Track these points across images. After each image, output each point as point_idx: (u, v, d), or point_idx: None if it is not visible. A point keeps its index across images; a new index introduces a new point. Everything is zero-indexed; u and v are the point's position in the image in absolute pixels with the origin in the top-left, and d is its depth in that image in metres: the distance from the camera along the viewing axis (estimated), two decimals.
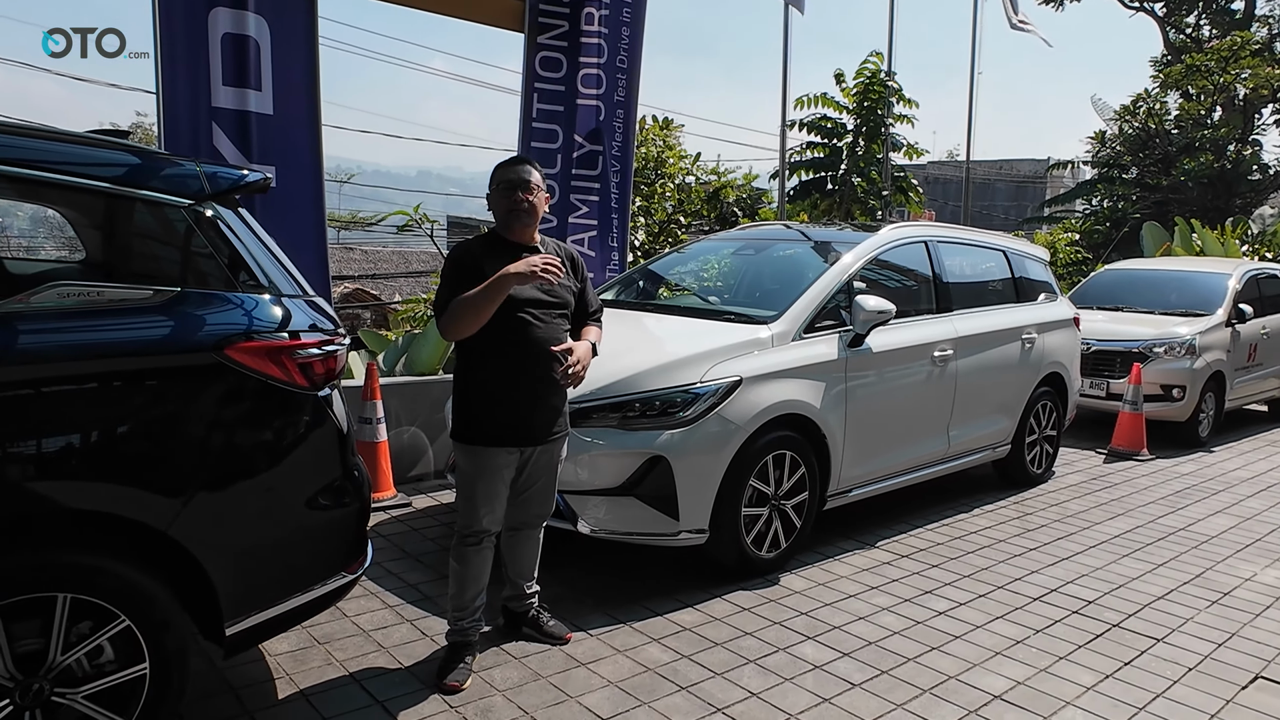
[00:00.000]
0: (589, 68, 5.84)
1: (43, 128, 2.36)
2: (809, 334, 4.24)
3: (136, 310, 2.22)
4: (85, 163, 2.26)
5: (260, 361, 2.36)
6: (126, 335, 2.17)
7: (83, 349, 2.10)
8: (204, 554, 2.26)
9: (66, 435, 2.07)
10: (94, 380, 2.12)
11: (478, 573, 3.06)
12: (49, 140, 2.28)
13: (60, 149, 2.26)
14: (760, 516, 3.96)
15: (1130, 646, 3.45)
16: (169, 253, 2.40)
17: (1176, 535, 4.95)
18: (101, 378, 2.13)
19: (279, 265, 2.60)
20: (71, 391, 2.09)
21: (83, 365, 2.10)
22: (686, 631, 3.41)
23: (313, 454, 2.52)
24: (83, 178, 2.24)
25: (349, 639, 3.23)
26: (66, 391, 2.09)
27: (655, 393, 3.73)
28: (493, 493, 3.00)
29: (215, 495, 2.27)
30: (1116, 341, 7.66)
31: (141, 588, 2.19)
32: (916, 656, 3.28)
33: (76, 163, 2.24)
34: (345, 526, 2.63)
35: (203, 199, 2.43)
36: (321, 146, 4.83)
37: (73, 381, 2.09)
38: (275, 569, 2.45)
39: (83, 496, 2.10)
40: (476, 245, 3.04)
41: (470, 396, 3.00)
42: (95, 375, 2.12)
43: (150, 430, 2.18)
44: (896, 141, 9.72)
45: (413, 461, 5.46)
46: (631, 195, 6.42)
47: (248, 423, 2.35)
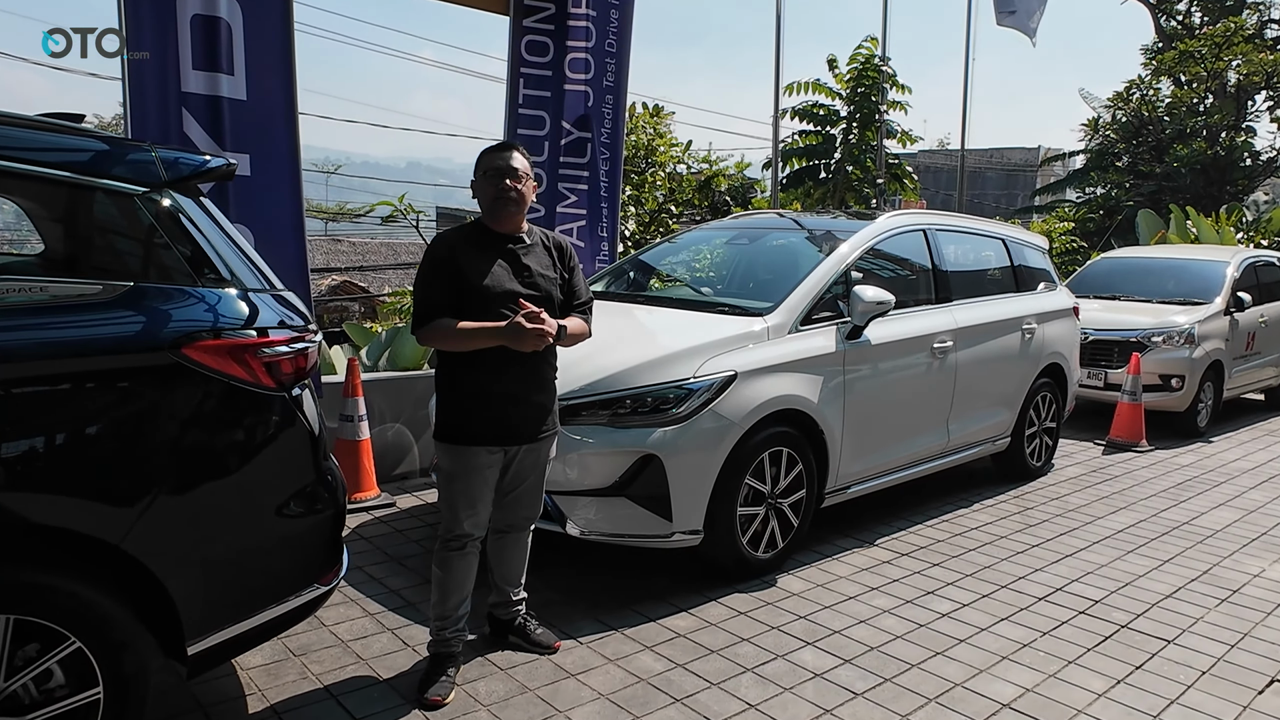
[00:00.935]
0: (577, 52, 5.65)
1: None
2: (806, 326, 4.09)
3: (84, 307, 2.05)
4: (27, 147, 2.08)
5: (222, 361, 2.19)
6: (72, 334, 2.01)
7: (23, 350, 1.93)
8: (162, 569, 2.11)
9: (4, 444, 1.90)
10: (36, 383, 1.95)
11: (461, 579, 2.90)
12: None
13: None
14: (756, 516, 3.82)
15: (1140, 649, 3.33)
16: (121, 245, 2.23)
17: (1180, 529, 4.84)
18: (45, 380, 1.96)
19: (244, 258, 2.43)
20: (11, 396, 1.92)
21: (23, 367, 1.93)
22: (680, 638, 3.27)
23: (281, 459, 2.36)
24: (24, 163, 2.06)
25: (326, 650, 3.08)
26: (4, 396, 1.91)
27: (647, 389, 3.58)
28: (476, 495, 2.85)
29: (174, 506, 2.11)
30: (1114, 331, 7.55)
31: (94, 606, 2.03)
32: (920, 662, 3.15)
33: (17, 147, 2.07)
34: (318, 535, 2.47)
35: (159, 187, 2.25)
36: (298, 133, 4.64)
37: (12, 385, 1.92)
38: (242, 583, 2.29)
39: (25, 509, 1.93)
40: (457, 238, 2.88)
41: (451, 394, 2.85)
42: (37, 378, 1.95)
43: (101, 437, 2.02)
44: (891, 128, 9.57)
45: (397, 459, 5.30)
46: (622, 184, 6.24)
47: (209, 427, 2.19)
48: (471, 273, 2.77)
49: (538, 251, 2.95)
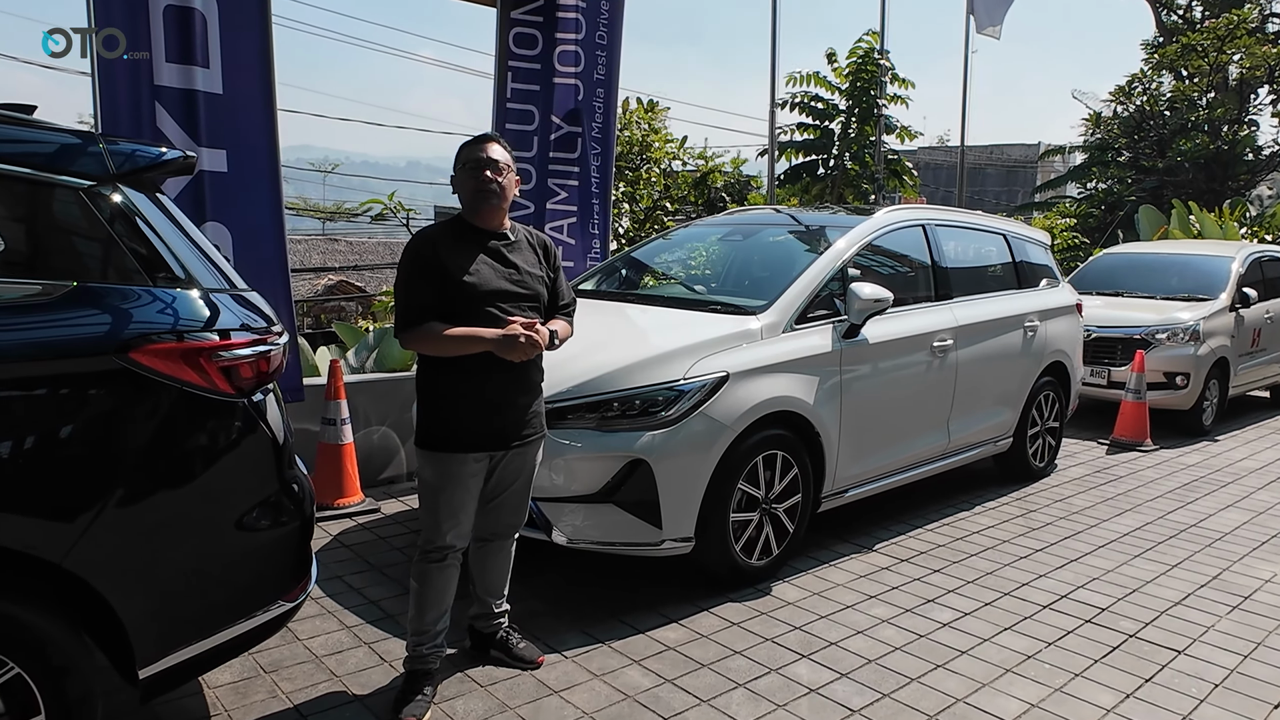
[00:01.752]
0: (566, 44, 5.51)
1: None
2: (801, 325, 3.96)
3: (21, 308, 1.92)
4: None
5: (173, 365, 2.05)
6: (7, 338, 1.87)
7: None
8: (109, 588, 1.97)
9: None
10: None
11: (440, 593, 2.77)
12: None
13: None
14: (750, 522, 3.68)
15: (1150, 660, 3.20)
16: (64, 242, 2.09)
17: (1187, 532, 4.71)
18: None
19: (203, 257, 2.30)
20: None
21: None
22: (670, 651, 3.13)
23: (241, 469, 2.22)
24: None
25: (299, 666, 2.94)
26: None
27: (635, 390, 3.44)
28: (458, 504, 2.71)
29: (121, 521, 1.97)
30: (1117, 328, 7.40)
31: (33, 629, 1.90)
32: (920, 676, 3.01)
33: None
34: (281, 548, 2.33)
35: (107, 180, 2.12)
36: (277, 128, 4.50)
37: None
38: (198, 601, 2.16)
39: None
40: (438, 234, 2.74)
41: (433, 398, 2.72)
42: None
43: (39, 448, 1.88)
44: (890, 124, 9.41)
45: (383, 463, 5.17)
46: (613, 180, 6.10)
47: (160, 437, 2.05)
48: (455, 270, 2.64)
49: (523, 249, 2.82)
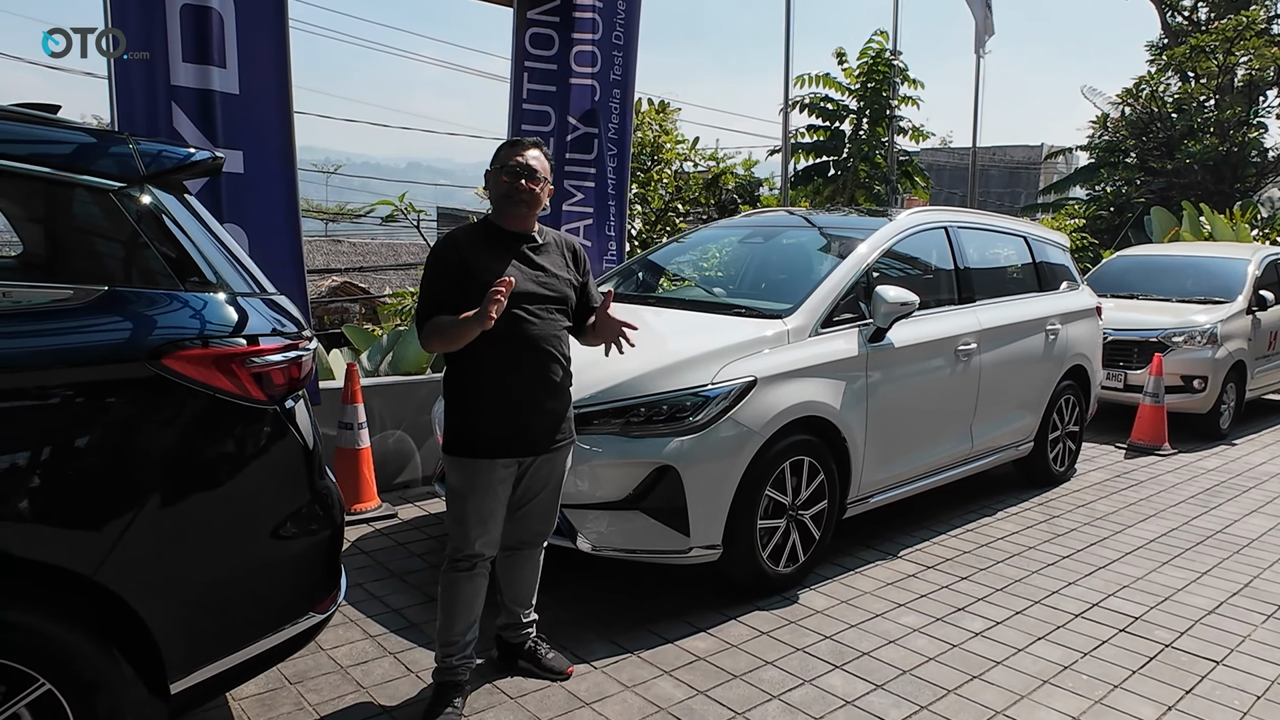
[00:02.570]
0: (583, 44, 5.46)
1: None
2: (826, 328, 3.90)
3: (52, 314, 1.86)
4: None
5: (206, 372, 2.00)
6: (38, 344, 1.81)
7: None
8: (141, 602, 1.91)
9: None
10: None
11: (469, 603, 2.71)
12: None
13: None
14: (777, 529, 3.62)
15: (1188, 671, 3.14)
16: (95, 245, 2.03)
17: (1214, 539, 4.65)
18: (6, 395, 1.76)
19: (232, 260, 2.24)
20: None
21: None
22: (700, 661, 3.08)
23: (273, 478, 2.17)
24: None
25: (324, 677, 2.88)
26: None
27: (662, 396, 3.38)
28: (486, 511, 2.66)
29: (153, 532, 1.92)
30: (1134, 331, 7.34)
31: (64, 644, 1.84)
32: (956, 688, 2.96)
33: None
34: (313, 560, 2.28)
35: (137, 181, 2.06)
36: (293, 129, 4.45)
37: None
38: (230, 614, 2.10)
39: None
40: (463, 237, 2.70)
41: (460, 403, 2.67)
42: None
43: (71, 458, 1.82)
44: (902, 125, 9.34)
45: (399, 468, 5.11)
46: (629, 181, 6.05)
47: (192, 445, 1.99)
48: (483, 272, 2.58)
49: (552, 252, 2.77)
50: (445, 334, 2.57)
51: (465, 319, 2.49)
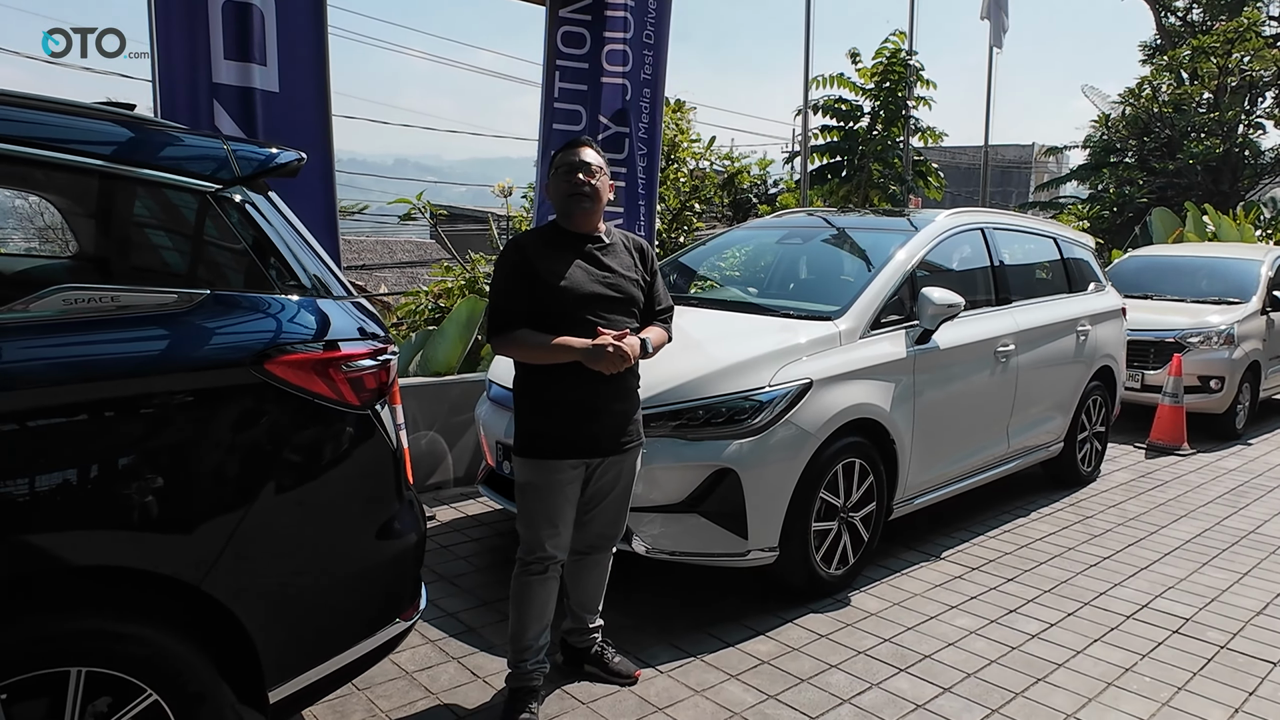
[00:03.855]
0: (614, 43, 5.43)
1: (35, 96, 1.94)
2: (875, 330, 3.90)
3: (157, 319, 1.83)
4: (87, 139, 1.85)
5: (306, 377, 1.97)
6: (146, 349, 1.78)
7: (93, 367, 1.71)
8: (244, 610, 1.89)
9: (72, 474, 1.68)
10: (107, 406, 1.73)
11: (542, 607, 2.69)
12: (41, 110, 1.86)
13: (55, 121, 1.85)
14: (829, 531, 3.62)
15: (1248, 673, 3.15)
16: (193, 248, 2.00)
17: (1248, 539, 4.67)
18: (116, 403, 1.73)
19: (320, 262, 2.21)
20: (81, 421, 1.70)
21: (93, 388, 1.70)
22: (765, 665, 3.07)
23: (368, 483, 2.15)
24: (85, 156, 1.83)
25: (392, 683, 2.86)
26: (75, 421, 1.69)
27: (720, 398, 3.37)
28: (555, 512, 2.64)
29: (257, 540, 1.89)
30: (1150, 331, 7.38)
31: (170, 654, 1.81)
32: (1024, 690, 2.96)
33: (76, 140, 1.84)
34: (402, 565, 2.26)
35: (230, 183, 2.03)
36: (331, 127, 4.40)
37: (81, 409, 1.70)
38: (325, 621, 2.07)
39: (94, 550, 1.71)
40: (531, 239, 2.70)
41: (529, 404, 2.67)
42: (108, 400, 1.73)
43: (178, 465, 1.79)
44: (918, 125, 9.35)
45: (431, 468, 5.08)
46: (659, 180, 6.03)
47: (293, 451, 1.97)
48: (549, 275, 2.58)
49: (619, 252, 2.75)
50: (532, 351, 2.59)
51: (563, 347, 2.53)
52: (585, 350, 2.54)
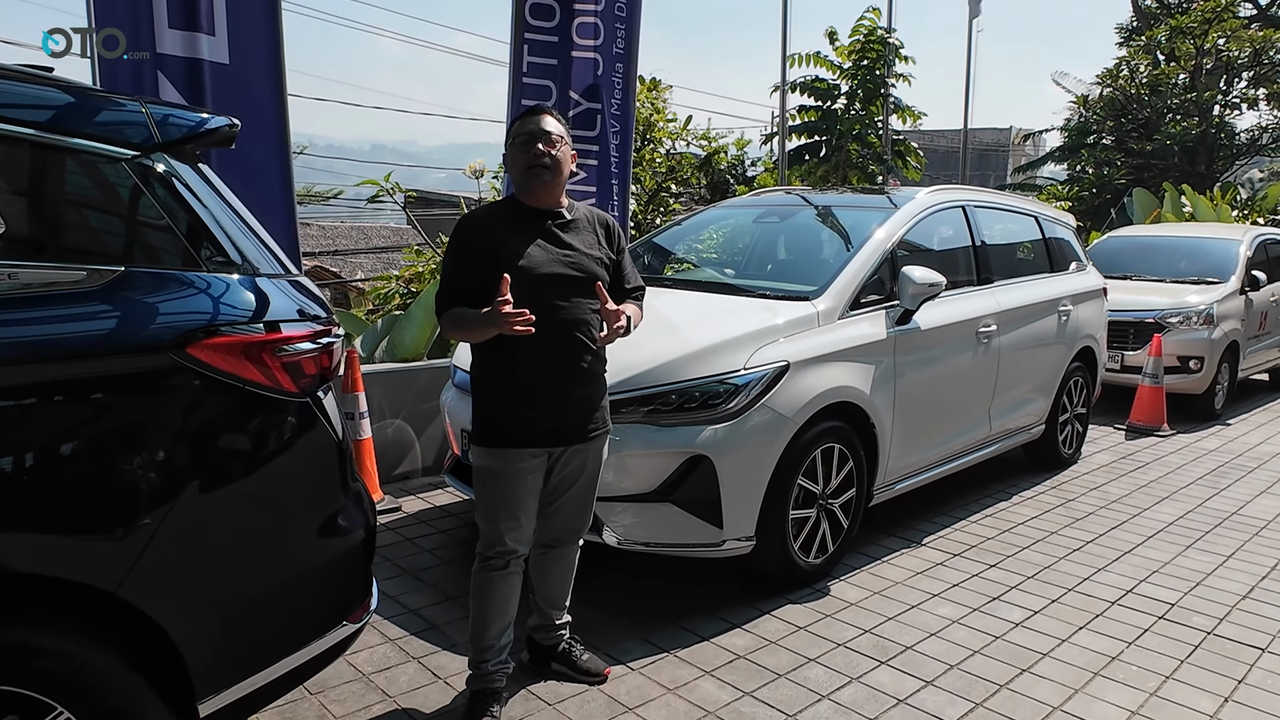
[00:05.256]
0: (585, 15, 5.24)
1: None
2: (855, 310, 3.77)
3: (64, 298, 1.65)
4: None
5: (234, 362, 1.80)
6: (50, 332, 1.61)
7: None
8: (167, 617, 1.72)
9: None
10: (5, 396, 1.55)
11: (504, 604, 2.55)
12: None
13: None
14: (807, 519, 3.49)
15: (1236, 659, 3.07)
16: (107, 221, 1.82)
17: (1230, 521, 4.61)
18: (14, 392, 1.56)
19: (254, 237, 2.04)
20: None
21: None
22: (741, 660, 2.94)
23: (307, 477, 1.98)
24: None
25: (346, 686, 2.70)
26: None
27: (694, 382, 3.23)
28: (517, 504, 2.50)
29: (181, 540, 1.72)
30: (1130, 311, 7.31)
31: (85, 667, 1.64)
32: (1008, 682, 2.86)
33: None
34: (348, 565, 2.10)
35: (151, 150, 1.85)
36: (286, 102, 4.20)
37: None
38: (261, 627, 1.91)
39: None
40: (488, 216, 2.53)
41: (487, 392, 2.51)
42: (7, 389, 1.55)
43: (87, 461, 1.62)
44: (897, 103, 9.22)
45: (398, 458, 4.91)
46: (632, 159, 5.85)
47: (221, 443, 1.80)
48: (505, 254, 2.41)
49: (581, 229, 2.59)
50: (464, 327, 2.44)
51: (482, 317, 2.33)
52: (486, 316, 2.32)
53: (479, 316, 2.36)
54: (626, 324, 2.53)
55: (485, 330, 2.36)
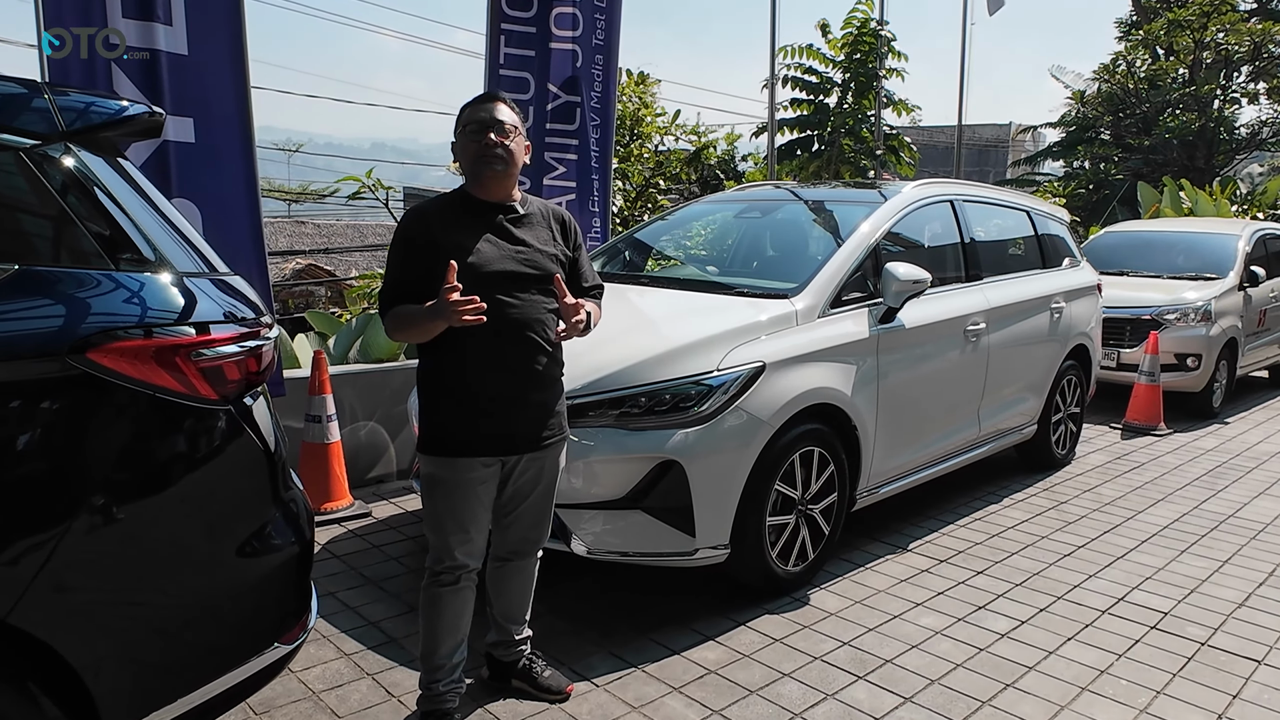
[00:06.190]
0: (563, 6, 5.10)
1: None
2: (835, 309, 3.63)
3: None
4: None
5: (144, 368, 1.67)
6: None
7: None
8: (68, 646, 1.59)
9: None
10: None
11: (455, 620, 2.42)
12: None
13: None
14: (785, 525, 3.36)
15: (1230, 673, 2.94)
16: (3, 215, 1.68)
17: (1227, 524, 4.48)
18: None
19: (175, 234, 1.90)
20: None
21: None
22: (712, 675, 2.81)
23: (227, 491, 1.85)
24: None
25: (294, 705, 2.57)
26: None
27: (664, 384, 3.09)
28: (467, 516, 2.36)
29: (81, 562, 1.59)
30: (1126, 308, 7.17)
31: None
32: (991, 699, 2.72)
33: None
34: (278, 583, 1.96)
35: (55, 139, 1.72)
36: (249, 94, 4.06)
37: None
38: (178, 653, 1.78)
39: None
40: (433, 210, 2.39)
41: (433, 396, 2.36)
42: None
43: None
44: (890, 97, 9.06)
45: (371, 461, 4.78)
46: (613, 153, 5.72)
47: (127, 456, 1.67)
48: (453, 249, 2.26)
49: (535, 224, 2.45)
50: (409, 326, 2.29)
51: (428, 310, 2.19)
52: (432, 309, 2.18)
53: (424, 311, 2.22)
54: (586, 320, 2.40)
55: (432, 325, 2.22)
